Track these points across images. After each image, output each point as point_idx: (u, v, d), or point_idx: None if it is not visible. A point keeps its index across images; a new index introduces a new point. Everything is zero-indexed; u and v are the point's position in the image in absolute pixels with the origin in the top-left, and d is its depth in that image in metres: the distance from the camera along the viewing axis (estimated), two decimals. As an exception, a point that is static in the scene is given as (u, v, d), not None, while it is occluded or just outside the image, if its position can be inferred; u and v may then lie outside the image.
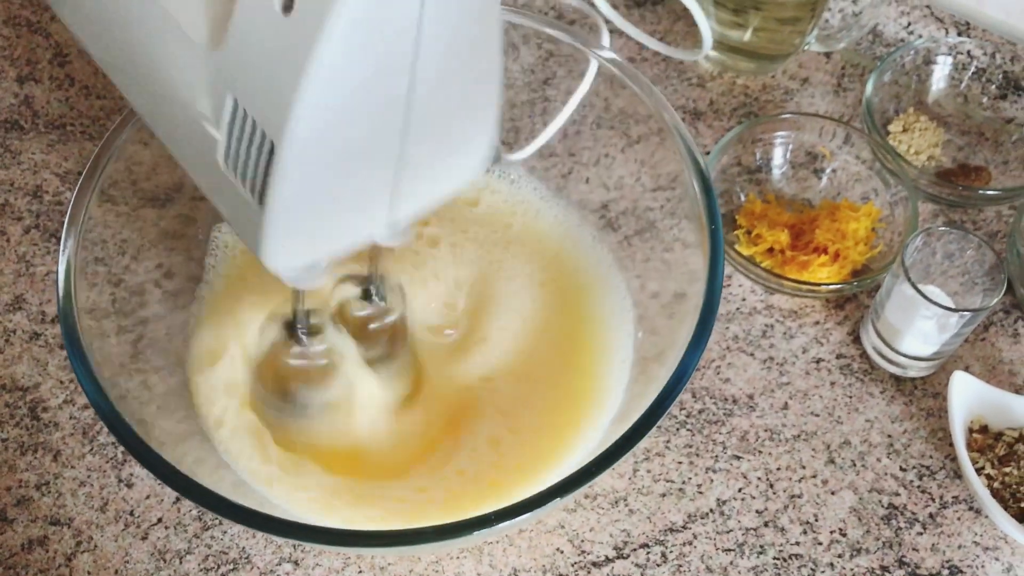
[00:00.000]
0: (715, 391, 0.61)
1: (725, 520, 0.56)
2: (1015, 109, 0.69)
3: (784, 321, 0.63)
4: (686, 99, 0.72)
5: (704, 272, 0.52)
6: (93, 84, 0.71)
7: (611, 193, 0.63)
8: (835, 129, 0.66)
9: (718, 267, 0.50)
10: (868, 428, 0.59)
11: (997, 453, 0.56)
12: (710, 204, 0.52)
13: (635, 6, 0.77)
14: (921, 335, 0.57)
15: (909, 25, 0.72)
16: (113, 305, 0.57)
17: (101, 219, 0.57)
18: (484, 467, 0.53)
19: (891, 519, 0.57)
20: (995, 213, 0.67)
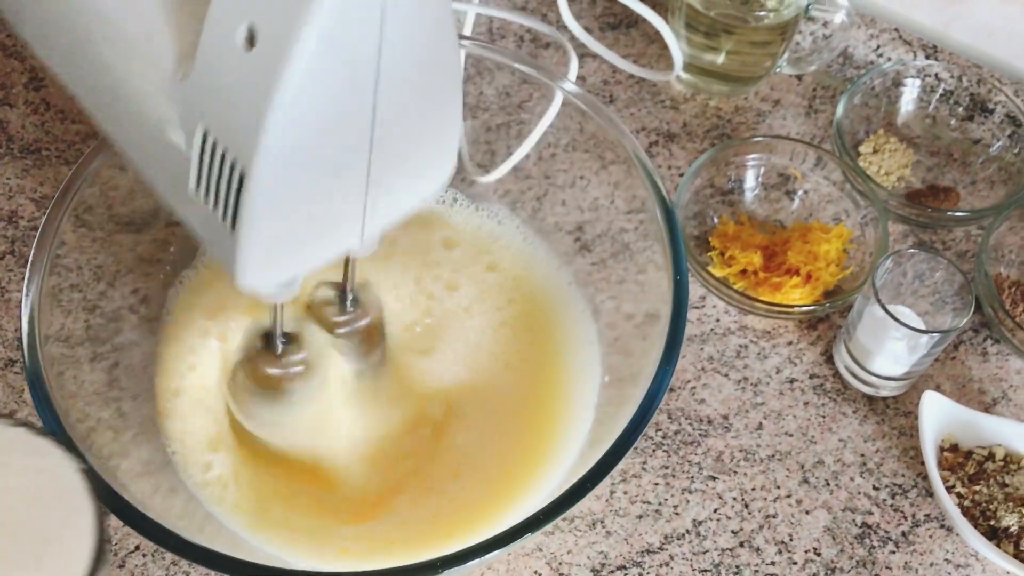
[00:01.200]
0: (690, 412, 0.61)
1: (701, 541, 0.57)
2: (982, 130, 0.70)
3: (758, 342, 0.64)
4: (660, 121, 0.73)
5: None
6: (69, 109, 0.71)
7: (586, 215, 0.63)
8: (806, 151, 0.67)
9: (682, 301, 0.51)
10: (841, 447, 0.60)
11: (967, 471, 0.57)
12: (672, 231, 0.53)
13: (609, 28, 0.78)
14: (892, 356, 0.58)
15: (878, 48, 0.73)
16: (87, 332, 0.57)
17: (76, 245, 0.57)
18: (454, 496, 0.54)
19: (865, 538, 0.57)
20: (964, 233, 0.68)
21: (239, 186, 0.34)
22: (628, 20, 0.78)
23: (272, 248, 0.37)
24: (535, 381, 0.59)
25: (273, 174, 0.34)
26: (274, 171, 0.34)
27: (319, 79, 0.33)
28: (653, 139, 0.72)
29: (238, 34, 0.33)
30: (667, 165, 0.71)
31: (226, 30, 0.33)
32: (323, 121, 0.34)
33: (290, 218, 0.37)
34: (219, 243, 0.38)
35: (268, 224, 0.36)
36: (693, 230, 0.67)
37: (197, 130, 0.35)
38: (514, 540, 0.44)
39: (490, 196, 0.65)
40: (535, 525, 0.44)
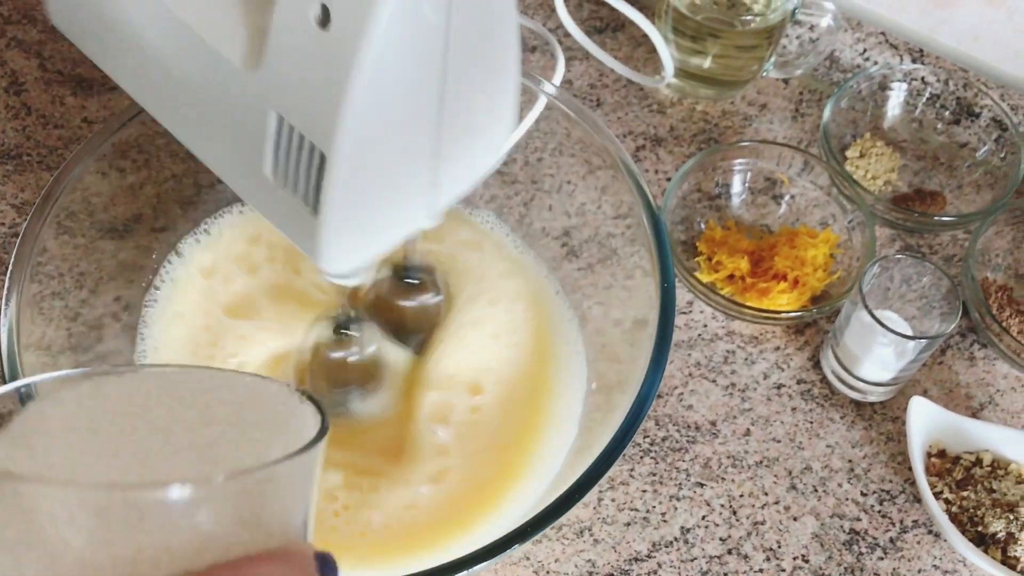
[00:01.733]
0: (678, 418, 0.61)
1: (689, 548, 0.57)
2: (968, 134, 0.70)
3: (745, 347, 0.64)
4: (647, 125, 0.73)
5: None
6: (50, 113, 0.70)
7: (573, 220, 0.63)
8: (793, 155, 0.67)
9: (670, 308, 0.51)
10: (829, 453, 0.60)
11: (955, 477, 0.57)
12: (659, 238, 0.53)
13: (595, 32, 0.78)
14: (879, 361, 0.58)
15: (865, 52, 0.73)
16: (69, 340, 0.56)
17: (58, 252, 0.56)
18: (439, 501, 0.53)
19: (853, 544, 0.57)
20: (951, 237, 0.68)
21: (319, 170, 0.34)
22: (615, 24, 0.78)
23: (353, 229, 0.37)
24: (522, 386, 0.59)
25: (351, 155, 0.34)
26: (352, 152, 0.34)
27: (393, 55, 0.32)
28: (640, 143, 0.72)
29: (311, 14, 0.32)
30: (654, 169, 0.71)
31: (299, 11, 0.32)
32: (397, 98, 0.34)
33: (369, 198, 0.37)
34: (299, 228, 0.37)
35: (349, 206, 0.36)
36: (680, 235, 0.67)
37: (272, 115, 0.35)
38: (502, 551, 0.44)
39: (478, 202, 0.65)
40: (524, 535, 0.44)
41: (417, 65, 0.34)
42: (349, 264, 0.39)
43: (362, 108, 0.33)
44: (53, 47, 0.73)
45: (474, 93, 0.38)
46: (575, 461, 0.53)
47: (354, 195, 0.36)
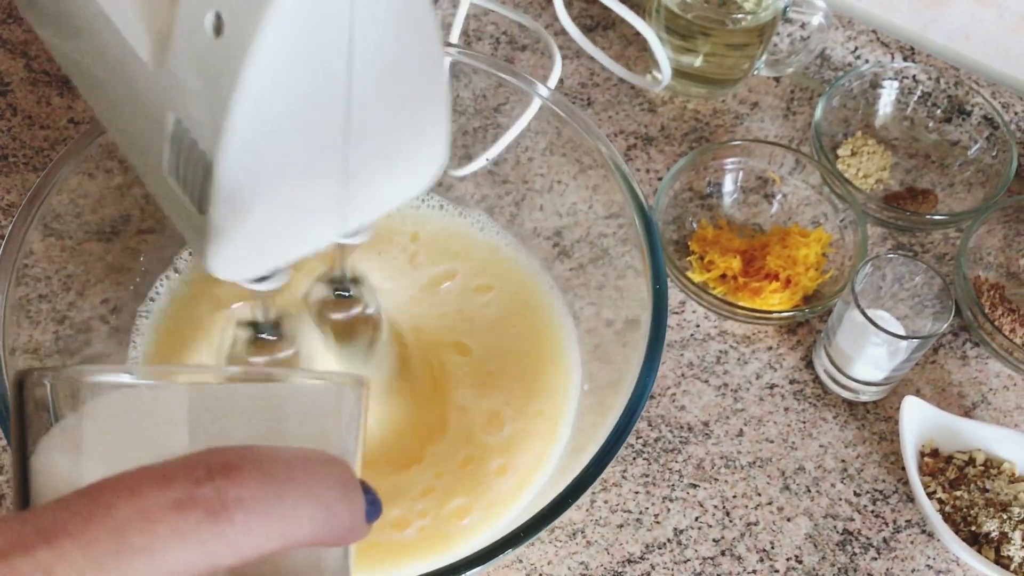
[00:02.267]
0: (671, 419, 0.61)
1: (683, 550, 0.56)
2: (959, 132, 0.70)
3: (738, 347, 0.63)
4: (638, 124, 0.73)
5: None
6: (36, 114, 0.69)
7: (564, 220, 0.63)
8: (784, 154, 0.67)
9: (662, 310, 0.51)
10: (822, 453, 0.60)
11: (948, 477, 0.57)
12: (651, 240, 0.53)
13: (586, 31, 0.77)
14: (872, 361, 0.58)
15: (856, 50, 0.73)
16: (57, 343, 0.56)
17: (44, 254, 0.55)
18: (432, 507, 0.53)
19: (846, 544, 0.57)
20: (942, 235, 0.68)
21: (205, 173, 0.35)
22: (605, 22, 0.77)
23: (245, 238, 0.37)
24: (514, 388, 0.59)
25: (239, 163, 0.34)
26: (240, 160, 0.34)
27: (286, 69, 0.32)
28: (631, 142, 0.72)
29: (207, 21, 0.32)
30: (645, 168, 0.71)
31: (196, 17, 0.33)
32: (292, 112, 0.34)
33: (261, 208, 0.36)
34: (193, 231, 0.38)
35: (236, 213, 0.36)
36: (672, 234, 0.66)
37: (169, 116, 0.36)
38: (495, 556, 0.44)
39: (469, 201, 0.64)
40: (516, 540, 0.43)
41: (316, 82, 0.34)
42: (241, 270, 0.39)
43: (250, 119, 0.33)
44: (39, 47, 0.72)
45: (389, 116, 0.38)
46: (568, 463, 0.53)
47: (243, 203, 0.36)
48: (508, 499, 0.54)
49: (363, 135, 0.37)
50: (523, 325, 0.60)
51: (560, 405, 0.58)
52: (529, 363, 0.59)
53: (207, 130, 0.34)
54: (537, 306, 0.62)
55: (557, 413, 0.57)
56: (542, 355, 0.59)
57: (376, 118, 0.37)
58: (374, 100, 0.36)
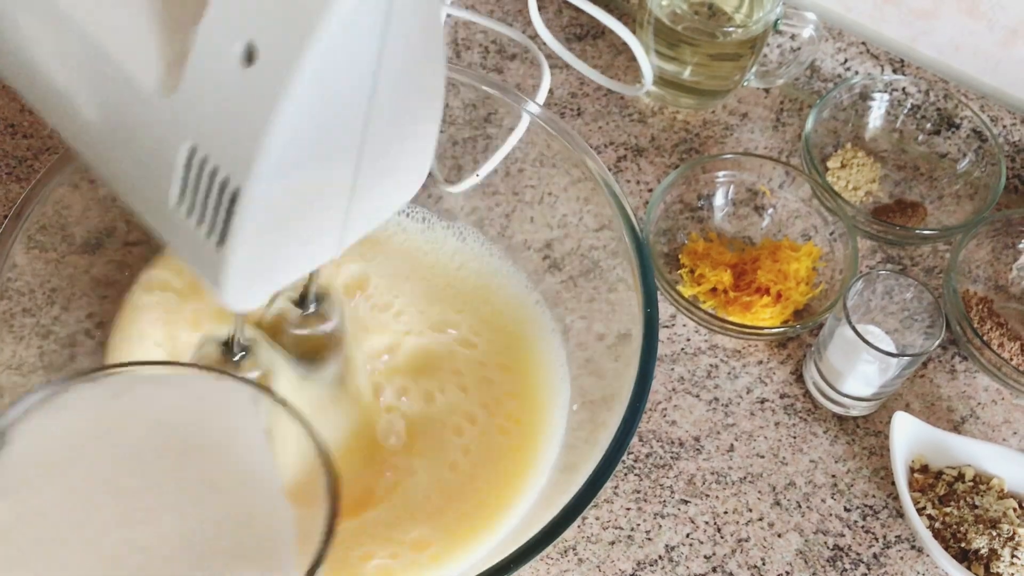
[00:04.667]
0: (662, 434, 0.60)
1: (674, 567, 0.56)
2: (948, 145, 0.70)
3: (728, 361, 0.63)
4: (627, 135, 0.72)
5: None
6: (19, 122, 0.68)
7: (555, 232, 0.62)
8: (775, 167, 0.67)
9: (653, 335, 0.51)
10: (812, 468, 0.60)
11: (938, 493, 0.57)
12: (642, 258, 0.53)
13: (576, 40, 0.77)
14: (863, 377, 0.58)
15: (846, 62, 0.73)
16: (41, 359, 0.55)
17: (28, 267, 0.55)
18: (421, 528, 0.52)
19: (836, 560, 0.57)
20: (931, 248, 0.68)
21: (231, 203, 0.34)
22: (594, 31, 0.77)
23: (258, 263, 0.37)
24: (503, 403, 0.58)
25: (267, 191, 0.33)
26: (269, 188, 0.33)
27: (319, 96, 0.32)
28: (621, 153, 0.72)
29: (235, 50, 0.32)
30: (635, 180, 0.71)
31: (222, 45, 0.32)
32: (319, 136, 0.34)
33: (278, 233, 0.36)
34: (201, 259, 0.37)
35: (257, 241, 0.35)
36: (662, 247, 0.66)
37: (183, 145, 0.34)
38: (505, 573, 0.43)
39: (458, 213, 0.64)
40: (507, 569, 0.43)
41: (342, 105, 0.33)
42: (252, 297, 0.38)
43: (282, 147, 0.32)
44: (21, 53, 0.71)
45: (397, 130, 0.38)
46: (561, 480, 0.53)
47: (264, 230, 0.35)
48: (494, 516, 0.53)
49: (374, 152, 0.37)
50: (509, 343, 0.60)
51: (544, 423, 0.57)
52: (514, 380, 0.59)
53: (234, 159, 0.33)
54: (526, 320, 0.61)
55: (547, 428, 0.57)
56: (528, 372, 0.59)
57: (387, 134, 0.37)
58: (388, 117, 0.36)
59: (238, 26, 0.31)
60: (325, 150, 0.34)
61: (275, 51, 0.31)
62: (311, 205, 0.36)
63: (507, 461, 0.56)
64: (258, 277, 0.37)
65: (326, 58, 0.31)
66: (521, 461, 0.56)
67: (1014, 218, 0.66)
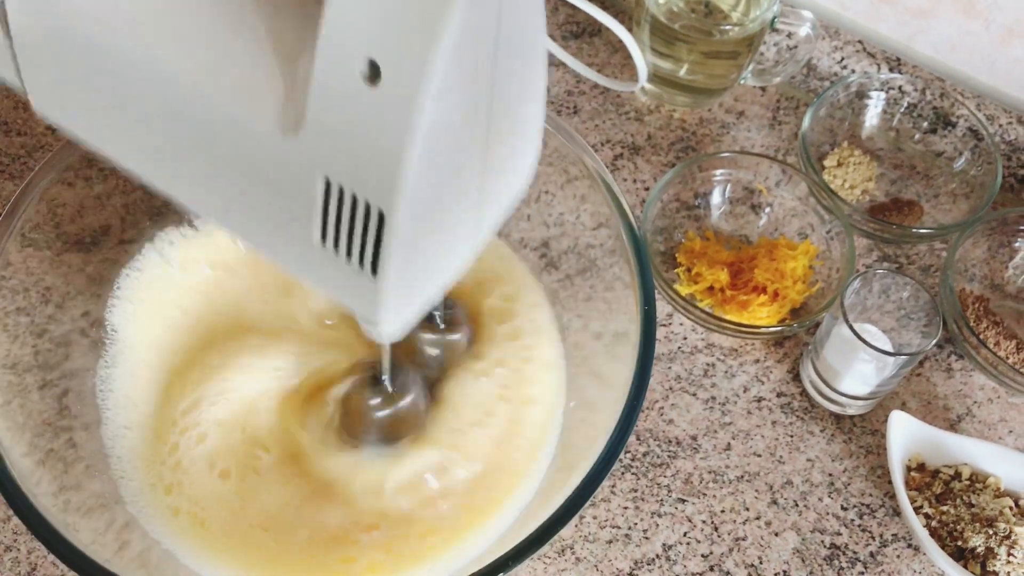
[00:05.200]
0: (659, 433, 0.60)
1: (671, 566, 0.56)
2: (944, 144, 0.70)
3: (725, 359, 0.63)
4: (624, 133, 0.72)
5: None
6: (13, 120, 0.68)
7: (552, 231, 0.62)
8: (771, 166, 0.67)
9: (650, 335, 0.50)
10: (809, 467, 0.60)
11: (934, 491, 0.57)
12: (640, 259, 0.53)
13: (572, 38, 0.77)
14: (860, 376, 0.58)
15: (842, 60, 0.73)
16: (36, 358, 0.54)
17: (22, 265, 0.54)
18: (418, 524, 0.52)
19: (833, 559, 0.57)
20: (928, 247, 0.69)
21: (378, 229, 0.33)
22: (591, 29, 0.77)
23: (412, 285, 0.36)
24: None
25: (412, 210, 0.32)
26: (413, 207, 0.32)
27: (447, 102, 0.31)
28: (618, 152, 0.71)
29: (357, 70, 0.30)
30: (632, 179, 0.70)
31: (343, 69, 0.30)
32: (450, 143, 0.33)
33: (425, 251, 0.35)
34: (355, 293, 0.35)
35: (407, 263, 0.34)
36: (659, 246, 0.66)
37: (318, 180, 0.33)
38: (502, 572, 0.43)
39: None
40: (505, 567, 0.43)
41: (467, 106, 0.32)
42: (406, 320, 0.37)
43: (421, 162, 0.31)
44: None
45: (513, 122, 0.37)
46: (558, 479, 0.53)
47: (414, 250, 0.34)
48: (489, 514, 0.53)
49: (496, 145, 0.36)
50: None
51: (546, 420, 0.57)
52: None
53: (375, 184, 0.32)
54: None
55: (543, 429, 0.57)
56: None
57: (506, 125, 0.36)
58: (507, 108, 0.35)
59: (356, 45, 0.30)
60: (456, 156, 0.33)
61: (399, 65, 0.29)
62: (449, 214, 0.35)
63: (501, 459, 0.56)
64: (411, 300, 0.36)
65: (450, 63, 0.30)
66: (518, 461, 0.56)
67: (1010, 217, 0.66)
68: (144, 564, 0.51)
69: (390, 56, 0.29)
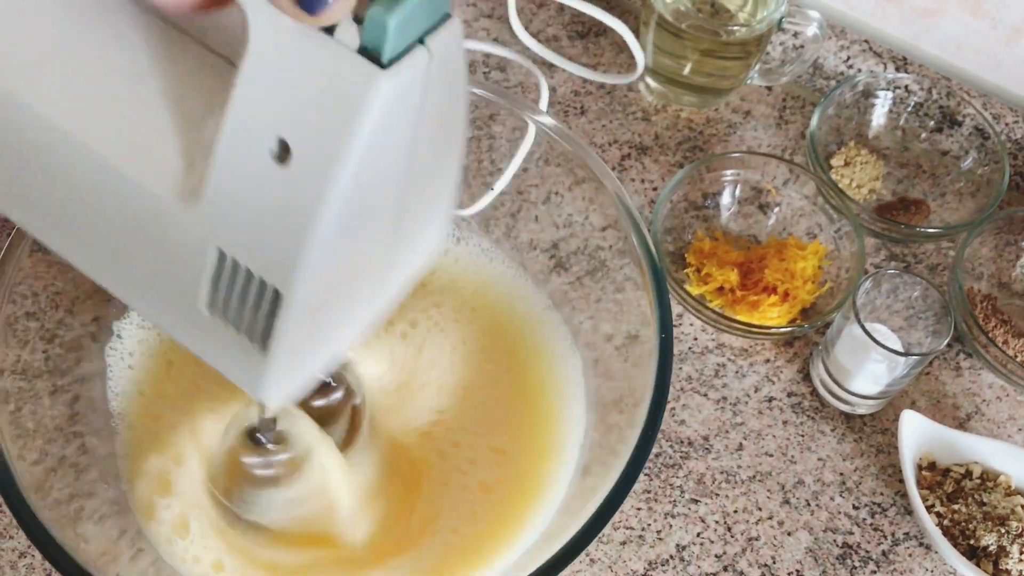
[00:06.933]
0: (671, 434, 0.60)
1: (685, 566, 0.56)
2: (951, 143, 0.70)
3: (736, 360, 0.63)
4: (631, 133, 0.72)
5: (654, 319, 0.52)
6: (17, 122, 0.68)
7: (561, 232, 0.62)
8: (778, 166, 0.67)
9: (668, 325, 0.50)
10: (821, 467, 0.60)
11: (946, 490, 0.58)
12: (650, 257, 0.52)
13: (578, 37, 0.77)
14: (871, 376, 0.58)
15: (848, 59, 0.73)
16: (47, 363, 0.54)
17: (32, 270, 0.54)
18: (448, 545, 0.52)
19: (846, 558, 0.57)
20: (935, 246, 0.69)
21: (272, 306, 0.32)
22: (597, 29, 0.77)
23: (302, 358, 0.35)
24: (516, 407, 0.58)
25: (310, 289, 0.31)
26: (311, 288, 0.31)
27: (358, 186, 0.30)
28: (625, 152, 0.71)
29: (266, 149, 0.29)
30: (640, 179, 0.70)
31: (251, 146, 0.30)
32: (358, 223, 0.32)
33: (320, 324, 0.34)
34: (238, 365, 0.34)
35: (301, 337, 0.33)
36: (668, 246, 0.66)
37: (210, 251, 0.32)
38: None
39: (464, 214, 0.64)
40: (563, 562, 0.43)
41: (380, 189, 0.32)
42: (293, 391, 0.36)
43: (325, 245, 0.30)
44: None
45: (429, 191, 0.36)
46: (578, 483, 0.53)
47: (308, 326, 0.33)
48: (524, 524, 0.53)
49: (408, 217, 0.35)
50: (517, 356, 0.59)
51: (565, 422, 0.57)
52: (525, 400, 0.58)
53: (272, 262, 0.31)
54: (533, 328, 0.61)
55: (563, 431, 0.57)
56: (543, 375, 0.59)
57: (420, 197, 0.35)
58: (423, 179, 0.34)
59: (267, 123, 0.29)
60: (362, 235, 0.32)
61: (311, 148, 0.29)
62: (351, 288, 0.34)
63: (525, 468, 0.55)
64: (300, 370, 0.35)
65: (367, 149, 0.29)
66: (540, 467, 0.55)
67: (1017, 216, 0.66)
68: (159, 572, 0.51)
69: (302, 138, 0.29)
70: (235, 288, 0.32)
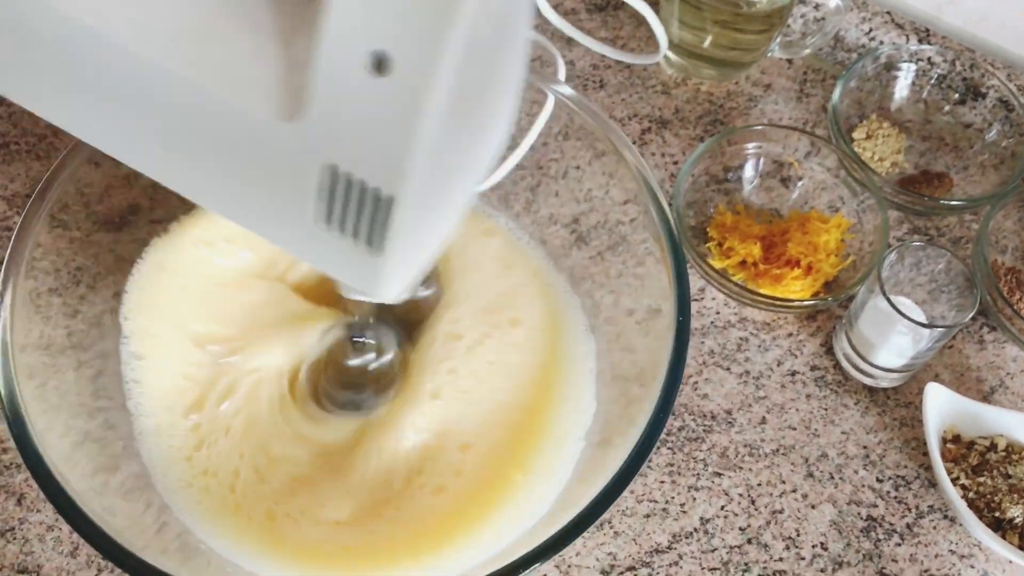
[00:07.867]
0: (694, 408, 0.60)
1: (709, 539, 0.56)
2: (974, 115, 0.70)
3: (758, 334, 0.63)
4: (651, 107, 0.72)
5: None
6: (35, 99, 0.67)
7: (581, 206, 0.62)
8: (800, 138, 0.66)
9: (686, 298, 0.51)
10: (844, 440, 0.60)
11: (971, 463, 0.57)
12: (668, 230, 0.53)
13: (596, 11, 0.76)
14: (896, 349, 0.58)
15: (871, 31, 0.72)
16: (70, 339, 0.54)
17: (52, 246, 0.54)
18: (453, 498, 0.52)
19: (870, 531, 0.57)
20: (958, 219, 0.68)
21: (387, 212, 0.33)
22: (615, 2, 0.76)
23: (413, 258, 0.37)
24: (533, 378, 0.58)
25: (419, 192, 0.33)
26: (418, 190, 0.33)
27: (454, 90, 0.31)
28: (646, 126, 0.71)
29: (363, 61, 0.31)
30: (661, 153, 0.70)
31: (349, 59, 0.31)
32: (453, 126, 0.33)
33: (426, 225, 0.36)
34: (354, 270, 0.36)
35: (412, 239, 0.36)
36: (690, 220, 0.66)
37: (323, 167, 0.33)
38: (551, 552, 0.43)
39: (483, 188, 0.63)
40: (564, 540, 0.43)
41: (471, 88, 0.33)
42: (404, 288, 0.38)
43: (429, 147, 0.32)
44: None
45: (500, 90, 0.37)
46: (597, 455, 0.53)
47: (417, 227, 0.35)
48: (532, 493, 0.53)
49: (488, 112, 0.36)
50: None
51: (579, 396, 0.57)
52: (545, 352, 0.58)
53: (383, 170, 0.32)
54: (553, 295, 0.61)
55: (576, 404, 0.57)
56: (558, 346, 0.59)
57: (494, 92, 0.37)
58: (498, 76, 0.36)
59: (364, 37, 0.30)
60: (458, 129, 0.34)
61: (410, 58, 0.30)
62: (449, 182, 0.36)
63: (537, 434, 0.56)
64: (410, 269, 0.38)
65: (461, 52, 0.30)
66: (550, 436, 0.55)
67: (1042, 188, 0.65)
68: (184, 546, 0.51)
69: (401, 49, 0.30)
70: (349, 200, 0.34)
